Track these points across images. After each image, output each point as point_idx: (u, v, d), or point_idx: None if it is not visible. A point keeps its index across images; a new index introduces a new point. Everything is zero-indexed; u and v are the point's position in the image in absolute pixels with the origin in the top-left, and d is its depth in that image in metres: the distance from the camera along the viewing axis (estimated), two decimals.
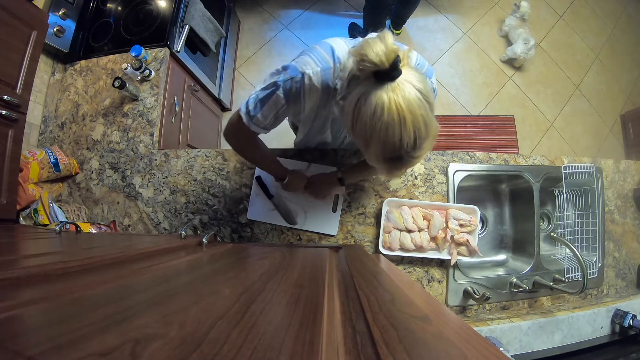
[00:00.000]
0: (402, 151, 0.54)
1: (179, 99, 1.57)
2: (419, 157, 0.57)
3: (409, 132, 0.52)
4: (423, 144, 0.55)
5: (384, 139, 0.53)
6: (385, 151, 0.55)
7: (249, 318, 0.26)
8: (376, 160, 0.58)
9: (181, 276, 0.45)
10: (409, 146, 0.53)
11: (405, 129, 0.52)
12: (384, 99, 0.51)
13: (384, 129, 0.52)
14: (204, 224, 1.19)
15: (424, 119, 0.53)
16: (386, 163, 0.58)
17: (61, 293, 0.32)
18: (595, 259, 1.20)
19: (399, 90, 0.51)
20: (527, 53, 2.38)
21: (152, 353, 0.19)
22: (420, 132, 0.53)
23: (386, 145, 0.54)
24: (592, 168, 1.19)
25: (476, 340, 0.25)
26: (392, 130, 0.52)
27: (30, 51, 1.12)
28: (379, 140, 0.54)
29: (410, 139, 0.53)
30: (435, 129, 0.57)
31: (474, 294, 1.07)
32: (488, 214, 1.36)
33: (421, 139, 0.54)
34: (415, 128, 0.52)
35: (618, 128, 2.58)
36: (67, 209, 1.22)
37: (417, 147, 0.54)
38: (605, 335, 1.07)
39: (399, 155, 0.55)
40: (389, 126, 0.51)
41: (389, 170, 0.60)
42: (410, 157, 0.56)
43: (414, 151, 0.55)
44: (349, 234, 1.15)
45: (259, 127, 0.74)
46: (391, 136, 0.52)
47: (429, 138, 0.56)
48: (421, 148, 0.56)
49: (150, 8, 1.56)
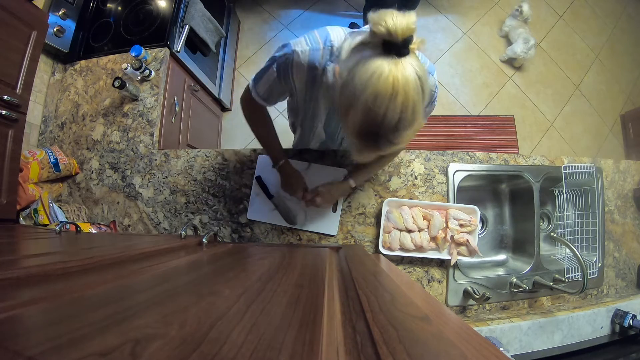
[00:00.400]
0: (382, 128, 0.52)
1: (179, 99, 1.57)
2: (395, 145, 0.56)
3: (395, 109, 0.50)
4: (403, 131, 0.54)
5: (369, 107, 0.51)
6: (365, 122, 0.53)
7: (249, 318, 0.26)
8: (352, 130, 0.56)
9: (181, 276, 0.45)
10: (390, 125, 0.52)
11: (393, 104, 0.50)
12: (384, 68, 0.50)
13: (373, 96, 0.50)
14: (204, 224, 1.19)
15: (414, 105, 0.51)
16: (361, 137, 0.56)
17: (61, 293, 0.32)
18: (595, 259, 1.20)
19: (401, 66, 0.50)
20: (527, 53, 2.38)
21: (152, 353, 0.19)
22: (406, 115, 0.51)
23: (368, 115, 0.52)
24: (592, 168, 1.19)
25: (476, 340, 0.25)
26: (380, 100, 0.50)
27: (30, 51, 1.12)
28: (363, 107, 0.52)
29: (393, 118, 0.51)
30: (419, 124, 0.55)
31: (474, 294, 1.07)
32: (488, 214, 1.36)
33: (404, 123, 0.52)
34: (403, 108, 0.51)
35: (618, 128, 2.58)
36: (67, 209, 1.22)
37: (397, 131, 0.53)
38: (605, 335, 1.07)
39: (376, 132, 0.53)
40: (379, 95, 0.50)
41: (361, 147, 0.58)
42: (386, 139, 0.54)
43: (393, 134, 0.53)
44: (349, 234, 1.15)
45: (259, 97, 0.82)
46: (377, 106, 0.50)
47: (410, 128, 0.54)
48: (400, 135, 0.54)
49: (150, 8, 1.56)
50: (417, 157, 1.18)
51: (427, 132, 2.33)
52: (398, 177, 1.17)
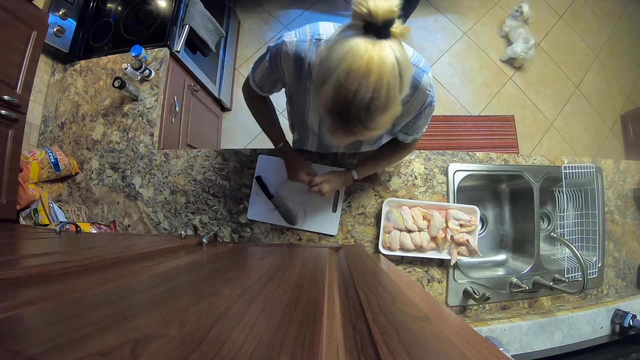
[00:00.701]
0: (352, 106, 0.52)
1: (179, 99, 1.57)
2: (368, 129, 0.55)
3: (367, 88, 0.50)
4: (377, 114, 0.53)
5: (340, 83, 0.50)
6: (336, 98, 0.52)
7: (249, 318, 0.26)
8: (324, 107, 0.55)
9: (181, 276, 0.45)
10: (361, 104, 0.51)
11: (365, 82, 0.49)
12: (360, 46, 0.49)
13: (346, 71, 0.50)
14: (204, 224, 1.19)
15: (389, 87, 0.51)
16: (332, 115, 0.55)
17: (61, 293, 0.32)
18: (595, 259, 1.20)
19: (379, 47, 0.49)
20: (527, 52, 2.38)
21: (152, 353, 0.19)
22: (378, 96, 0.51)
23: (340, 91, 0.51)
24: (592, 168, 1.19)
25: (476, 340, 0.25)
26: (352, 76, 0.49)
27: (30, 51, 1.12)
28: (335, 82, 0.51)
29: (365, 97, 0.50)
30: (395, 110, 0.55)
31: (474, 294, 1.07)
32: (488, 214, 1.36)
33: (376, 105, 0.52)
34: (375, 88, 0.50)
35: (618, 128, 2.58)
36: (67, 209, 1.22)
37: (369, 112, 0.52)
38: (605, 335, 1.07)
39: (347, 110, 0.52)
40: (351, 71, 0.49)
41: (333, 127, 0.57)
42: (358, 120, 0.53)
43: (365, 115, 0.52)
44: (349, 234, 1.15)
45: (255, 85, 0.86)
46: (349, 82, 0.50)
47: (385, 112, 0.54)
48: (373, 117, 0.53)
49: (150, 8, 1.56)
50: (417, 157, 1.18)
51: (427, 132, 2.30)
52: (398, 177, 1.17)
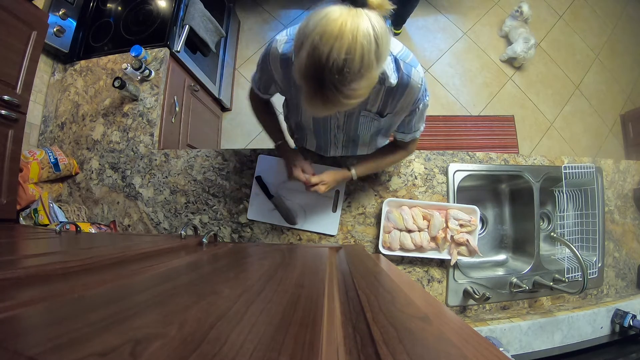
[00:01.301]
0: (326, 69, 0.51)
1: (179, 99, 1.57)
2: (343, 95, 0.55)
3: (339, 50, 0.50)
4: (350, 78, 0.53)
5: (314, 46, 0.51)
6: (310, 62, 0.52)
7: (249, 318, 0.26)
8: (299, 72, 0.56)
9: (181, 276, 0.45)
10: (334, 68, 0.51)
11: (338, 44, 0.50)
12: (335, 12, 0.50)
13: (319, 34, 0.50)
14: (204, 224, 1.19)
15: (363, 52, 0.51)
16: (307, 80, 0.55)
17: (61, 293, 0.32)
18: (595, 259, 1.20)
19: (355, 15, 0.50)
20: (527, 52, 2.38)
21: (152, 353, 0.19)
22: (352, 60, 0.51)
23: (314, 54, 0.51)
24: (592, 168, 1.19)
25: (476, 340, 0.25)
26: (325, 39, 0.50)
27: (30, 51, 1.12)
28: (310, 45, 0.51)
29: (338, 60, 0.50)
30: (371, 78, 0.55)
31: (474, 294, 1.07)
32: (488, 214, 1.36)
33: (350, 68, 0.52)
34: (348, 51, 0.50)
35: (618, 128, 2.58)
36: (67, 209, 1.22)
37: (342, 75, 0.52)
38: (605, 335, 1.07)
39: (321, 73, 0.52)
40: (325, 34, 0.50)
41: (309, 95, 0.57)
42: (332, 84, 0.53)
43: (338, 78, 0.52)
44: (349, 234, 1.15)
45: (256, 86, 0.89)
46: (322, 45, 0.50)
47: (359, 79, 0.54)
48: (347, 81, 0.53)
49: (150, 8, 1.56)
50: (417, 157, 1.18)
51: (427, 132, 2.32)
52: (398, 177, 1.17)
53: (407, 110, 0.82)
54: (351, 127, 0.91)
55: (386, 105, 0.81)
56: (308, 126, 0.95)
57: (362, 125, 0.89)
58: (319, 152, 1.14)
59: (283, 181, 1.16)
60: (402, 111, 0.83)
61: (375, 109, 0.82)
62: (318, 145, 1.06)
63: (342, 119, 0.88)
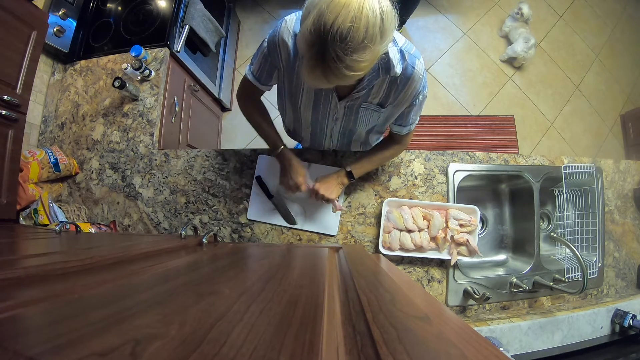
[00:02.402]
0: (330, 37, 0.53)
1: (179, 99, 1.57)
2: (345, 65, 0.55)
3: (346, 17, 0.52)
4: (354, 48, 0.54)
5: (321, 13, 0.53)
6: (316, 27, 0.54)
7: (249, 318, 0.26)
8: (303, 37, 0.57)
9: (181, 276, 0.45)
10: (338, 35, 0.52)
11: (344, 12, 0.51)
12: None
13: (327, 3, 0.52)
14: (204, 224, 1.19)
15: (368, 23, 0.53)
16: (310, 48, 0.56)
17: (61, 293, 0.32)
18: (595, 259, 1.20)
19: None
20: (527, 52, 2.38)
21: (152, 353, 0.19)
22: (357, 29, 0.52)
23: (319, 20, 0.53)
24: (592, 168, 1.19)
25: (476, 340, 0.25)
26: (333, 6, 0.52)
27: (30, 51, 1.12)
28: (317, 12, 0.53)
29: (343, 27, 0.52)
30: (374, 52, 0.57)
31: (474, 294, 1.07)
32: (488, 214, 1.36)
33: (354, 38, 0.53)
34: (353, 20, 0.52)
35: (618, 128, 2.58)
36: (67, 209, 1.22)
37: (345, 44, 0.53)
38: (605, 335, 1.07)
39: (325, 42, 0.54)
40: (332, 2, 0.52)
41: (310, 63, 0.58)
42: (335, 53, 0.54)
43: (342, 47, 0.53)
44: (349, 234, 1.15)
45: (254, 77, 0.87)
46: (329, 12, 0.52)
47: (362, 51, 0.55)
48: (350, 52, 0.54)
49: (150, 8, 1.56)
50: (417, 157, 1.18)
51: (427, 132, 2.33)
52: (398, 177, 1.17)
53: (407, 102, 0.82)
54: (350, 119, 0.91)
55: (389, 96, 0.81)
56: (306, 117, 0.94)
57: (361, 118, 0.89)
58: (314, 146, 1.14)
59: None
60: (403, 102, 0.83)
61: (378, 100, 0.83)
62: (312, 137, 1.06)
63: (342, 111, 0.87)
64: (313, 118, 0.94)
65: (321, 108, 0.88)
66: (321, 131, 1.00)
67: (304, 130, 1.04)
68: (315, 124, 0.97)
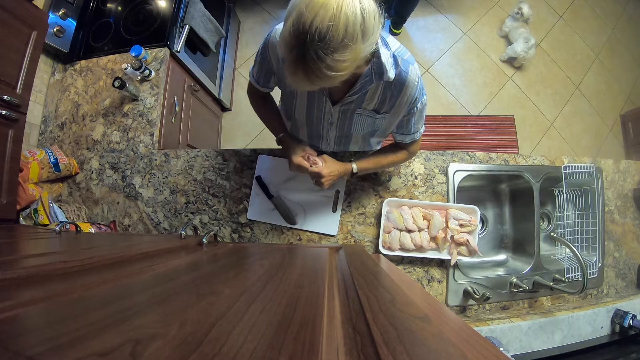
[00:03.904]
0: (309, 37, 0.52)
1: (179, 99, 1.57)
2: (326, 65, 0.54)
3: (324, 17, 0.51)
4: (334, 48, 0.53)
5: (300, 13, 0.52)
6: (294, 29, 0.53)
7: (249, 318, 0.26)
8: (283, 39, 0.57)
9: (181, 276, 0.45)
10: (317, 34, 0.52)
11: (323, 12, 0.51)
12: None
13: (306, 3, 0.52)
14: (204, 224, 1.19)
15: (348, 22, 0.52)
16: (290, 48, 0.56)
17: (61, 293, 0.32)
18: (595, 259, 1.20)
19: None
20: (527, 52, 2.38)
21: (152, 353, 0.19)
22: (336, 28, 0.52)
23: (299, 21, 0.53)
24: (592, 168, 1.19)
25: (476, 340, 0.25)
26: (311, 7, 0.51)
27: (30, 51, 1.12)
28: (296, 13, 0.53)
29: (322, 26, 0.51)
30: (356, 52, 0.55)
31: (474, 294, 1.07)
32: (488, 214, 1.36)
33: (334, 37, 0.52)
34: (332, 20, 0.51)
35: (618, 128, 2.58)
36: (67, 209, 1.22)
37: (325, 43, 0.52)
38: (605, 335, 1.07)
39: (304, 42, 0.53)
40: (310, 3, 0.52)
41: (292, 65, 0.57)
42: (315, 53, 0.53)
43: (321, 46, 0.53)
44: (349, 234, 1.15)
45: (254, 79, 0.89)
46: (307, 12, 0.51)
47: (343, 50, 0.54)
48: (330, 51, 0.53)
49: (150, 8, 1.56)
50: (417, 157, 1.18)
51: (427, 132, 2.32)
52: (398, 177, 1.17)
53: (404, 109, 0.82)
54: (345, 124, 0.90)
55: (384, 102, 0.81)
56: (301, 120, 0.94)
57: (356, 123, 0.88)
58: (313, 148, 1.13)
59: (283, 181, 1.16)
60: (400, 111, 0.82)
61: (372, 106, 0.82)
62: (310, 140, 1.06)
63: (337, 115, 0.87)
64: (308, 122, 0.94)
65: (315, 112, 0.88)
66: (318, 135, 1.00)
67: (301, 134, 1.04)
68: (310, 127, 0.96)
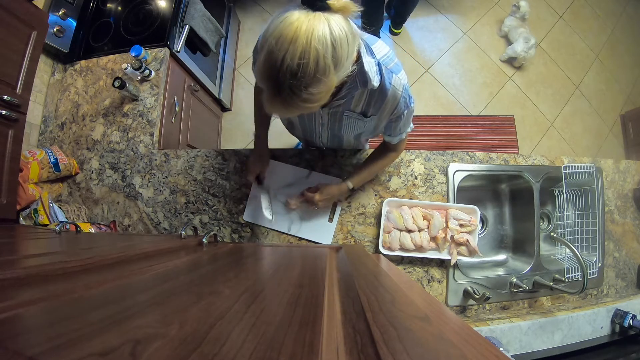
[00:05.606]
0: (281, 73, 0.52)
1: (179, 99, 1.57)
2: (301, 99, 0.55)
3: (293, 54, 0.50)
4: (308, 83, 0.53)
5: (271, 49, 0.52)
6: (267, 65, 0.53)
7: (249, 318, 0.26)
8: (258, 73, 0.57)
9: (181, 276, 0.45)
10: (289, 72, 0.52)
11: (292, 48, 0.50)
12: (294, 16, 0.51)
13: (275, 38, 0.51)
14: (204, 224, 1.19)
15: (318, 56, 0.51)
16: (266, 83, 0.56)
17: (61, 293, 0.32)
18: (595, 259, 1.20)
19: (313, 19, 0.51)
20: (527, 52, 2.38)
21: (152, 353, 0.19)
22: (307, 65, 0.51)
23: (270, 57, 0.52)
24: (592, 168, 1.19)
25: (476, 340, 0.25)
26: (280, 43, 0.51)
27: (30, 51, 1.12)
28: (267, 48, 0.53)
29: (292, 64, 0.51)
30: (330, 82, 0.55)
31: (474, 294, 1.07)
32: (488, 214, 1.36)
33: (305, 74, 0.52)
34: (302, 55, 0.50)
35: (618, 128, 2.58)
36: (67, 209, 1.22)
37: (297, 79, 0.52)
38: (605, 335, 1.07)
39: (277, 77, 0.53)
40: (281, 38, 0.51)
41: (269, 97, 0.57)
42: (289, 88, 0.53)
43: (294, 82, 0.53)
44: (349, 234, 1.15)
45: None
46: (277, 49, 0.51)
47: (317, 83, 0.54)
48: (303, 86, 0.53)
49: (150, 8, 1.56)
50: (417, 157, 1.18)
51: (427, 132, 2.33)
52: (398, 177, 1.17)
53: (389, 115, 0.83)
54: (335, 126, 0.93)
55: (369, 106, 0.82)
56: (294, 118, 0.97)
57: (346, 125, 0.90)
58: (306, 137, 1.15)
59: (282, 186, 1.16)
60: (385, 115, 0.83)
61: (359, 109, 0.83)
62: (305, 137, 1.10)
63: (326, 117, 0.89)
64: (301, 121, 0.97)
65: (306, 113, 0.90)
66: (311, 132, 1.03)
67: (297, 131, 1.08)
68: (304, 125, 1.00)
